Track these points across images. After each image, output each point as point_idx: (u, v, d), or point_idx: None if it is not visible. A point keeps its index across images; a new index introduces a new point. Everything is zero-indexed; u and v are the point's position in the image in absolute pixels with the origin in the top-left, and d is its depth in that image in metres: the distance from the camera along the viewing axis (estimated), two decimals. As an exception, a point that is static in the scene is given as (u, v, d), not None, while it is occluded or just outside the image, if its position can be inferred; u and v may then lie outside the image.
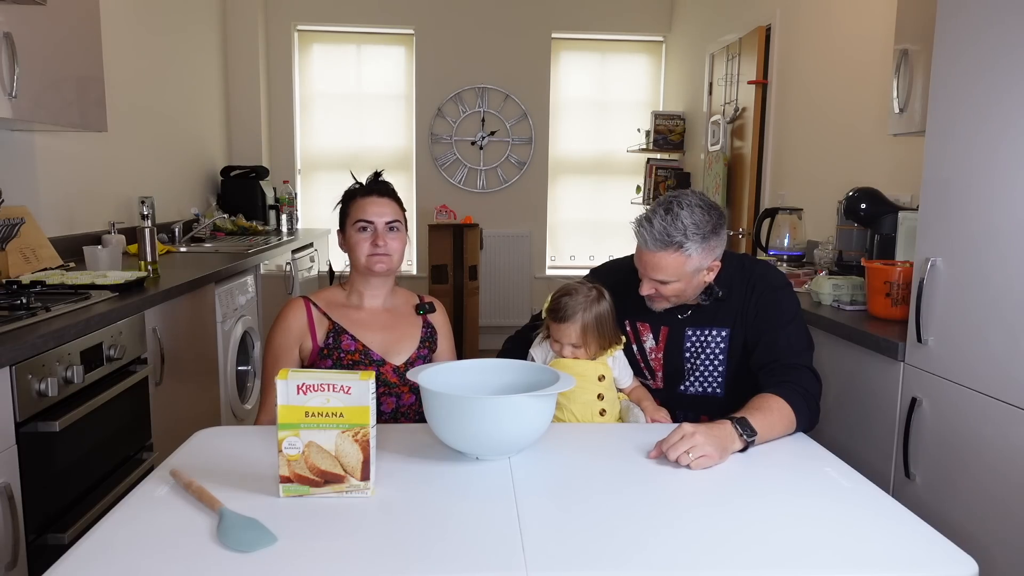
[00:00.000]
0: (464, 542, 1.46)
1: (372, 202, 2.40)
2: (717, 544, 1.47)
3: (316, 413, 1.63)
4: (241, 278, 4.31)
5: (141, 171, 4.99)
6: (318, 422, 1.63)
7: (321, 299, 2.43)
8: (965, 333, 2.23)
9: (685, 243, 2.20)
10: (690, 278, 2.26)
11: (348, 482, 1.66)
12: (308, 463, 1.65)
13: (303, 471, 1.65)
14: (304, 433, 1.63)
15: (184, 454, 1.89)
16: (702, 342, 2.39)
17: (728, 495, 1.71)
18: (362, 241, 2.37)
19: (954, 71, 2.29)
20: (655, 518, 1.59)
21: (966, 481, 2.23)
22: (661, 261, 2.23)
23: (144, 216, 3.74)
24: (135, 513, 1.57)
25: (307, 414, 1.63)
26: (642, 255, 2.27)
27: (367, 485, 1.66)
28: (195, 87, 6.01)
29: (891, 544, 1.49)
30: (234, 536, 1.44)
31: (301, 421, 1.63)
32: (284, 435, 1.63)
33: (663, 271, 2.24)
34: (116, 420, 2.77)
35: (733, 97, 5.59)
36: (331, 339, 2.33)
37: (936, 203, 2.36)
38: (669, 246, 2.20)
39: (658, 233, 2.20)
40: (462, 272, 6.54)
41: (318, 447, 1.64)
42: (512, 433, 1.82)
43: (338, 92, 7.27)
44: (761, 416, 2.02)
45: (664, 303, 2.35)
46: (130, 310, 2.87)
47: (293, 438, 1.64)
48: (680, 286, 2.26)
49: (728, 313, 2.36)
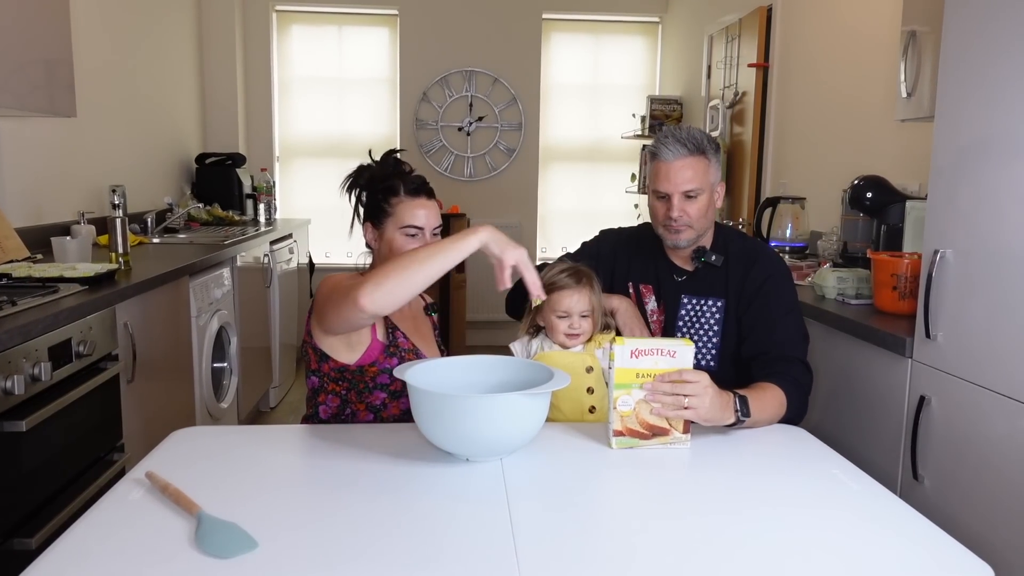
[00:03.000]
0: (454, 547, 1.46)
1: (422, 204, 2.34)
2: (718, 550, 1.47)
3: (646, 375, 1.95)
4: (217, 271, 4.29)
5: (112, 158, 4.96)
6: (648, 383, 1.95)
7: None
8: (976, 328, 2.23)
9: (707, 150, 2.39)
10: (711, 191, 2.42)
11: (672, 435, 1.98)
12: (639, 419, 1.96)
13: (634, 425, 1.96)
14: (636, 392, 1.95)
15: (160, 455, 1.88)
16: (697, 311, 2.46)
17: (730, 498, 1.71)
18: (407, 246, 2.27)
19: (964, 53, 2.29)
20: (652, 522, 1.59)
21: (977, 483, 2.23)
22: (690, 168, 2.37)
23: (115, 205, 3.72)
24: (108, 517, 1.56)
25: (638, 375, 1.94)
26: (669, 169, 2.38)
27: (687, 438, 1.98)
28: (169, 70, 5.98)
29: (902, 549, 1.50)
30: (213, 541, 1.43)
31: (632, 382, 1.94)
32: (618, 394, 1.95)
33: (692, 179, 2.37)
34: (86, 419, 2.76)
35: (732, 81, 5.59)
36: (390, 336, 2.28)
37: (945, 192, 2.37)
38: (696, 151, 2.37)
39: (690, 139, 2.36)
40: (449, 264, 6.51)
41: (646, 404, 1.95)
42: (504, 433, 1.82)
43: (319, 76, 7.24)
44: (759, 403, 2.12)
45: (689, 232, 2.42)
46: (100, 304, 2.86)
47: (626, 396, 1.95)
48: (704, 201, 2.39)
49: (723, 284, 2.45)
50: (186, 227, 5.51)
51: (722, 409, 2.01)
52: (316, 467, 1.85)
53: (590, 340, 2.34)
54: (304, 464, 1.88)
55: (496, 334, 6.72)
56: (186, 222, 5.58)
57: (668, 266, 2.53)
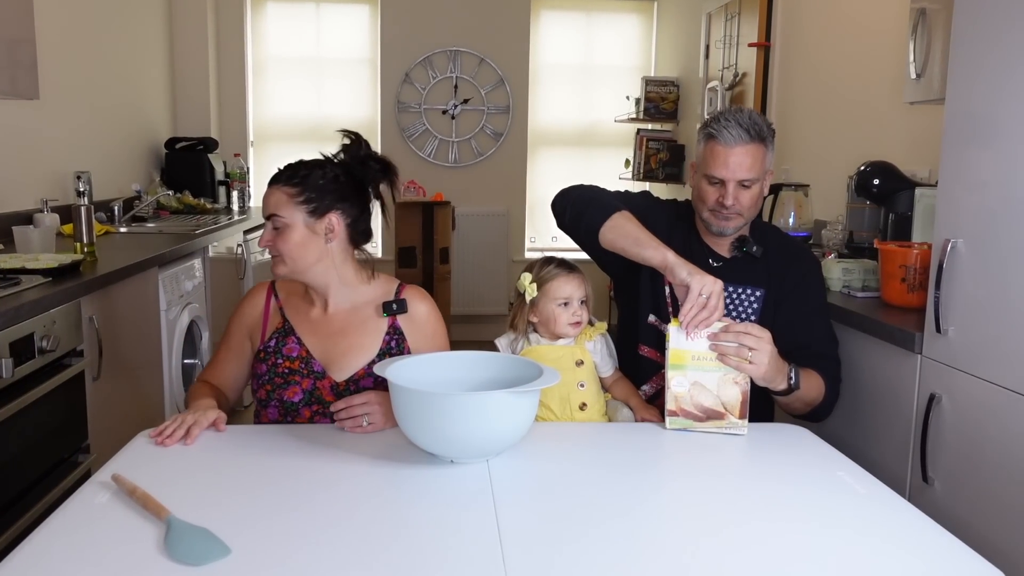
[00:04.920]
0: (438, 553, 1.46)
1: (268, 193, 2.26)
2: (716, 558, 1.47)
3: (701, 357, 2.08)
4: (187, 261, 4.28)
5: (77, 142, 4.93)
6: (703, 365, 2.08)
7: (284, 289, 2.36)
8: (989, 322, 2.23)
9: (766, 137, 2.41)
10: (764, 178, 2.45)
11: (728, 419, 2.09)
12: (693, 401, 2.08)
13: (688, 407, 2.09)
14: (690, 373, 2.08)
15: (127, 457, 1.88)
16: (733, 301, 2.50)
17: (729, 502, 1.71)
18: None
19: (977, 31, 2.29)
20: (647, 527, 1.59)
21: (990, 486, 2.24)
22: (754, 153, 2.39)
23: (80, 193, 3.70)
24: (73, 522, 1.55)
25: (693, 357, 2.08)
26: (728, 154, 2.39)
27: (744, 424, 2.09)
28: (137, 50, 5.94)
29: (911, 556, 1.50)
30: (183, 548, 1.42)
31: (687, 363, 2.08)
32: (672, 375, 2.09)
33: (751, 167, 2.39)
34: (49, 419, 2.75)
35: (732, 61, 5.59)
36: (275, 341, 2.27)
37: (957, 178, 2.37)
38: (756, 138, 2.38)
39: (752, 124, 2.37)
40: (432, 255, 6.52)
41: (701, 387, 2.08)
42: (491, 434, 1.82)
43: (295, 56, 7.21)
44: (807, 381, 2.29)
45: (738, 220, 2.46)
46: (64, 297, 2.84)
47: (680, 377, 2.08)
48: (757, 190, 2.43)
49: (763, 274, 2.50)
50: (155, 215, 5.48)
51: (778, 371, 2.14)
52: (293, 469, 1.84)
53: (580, 333, 2.35)
54: (280, 466, 1.86)
55: (482, 329, 6.71)
56: (155, 210, 5.55)
57: (703, 250, 2.56)
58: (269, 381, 2.24)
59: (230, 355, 2.36)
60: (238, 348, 2.35)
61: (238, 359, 2.35)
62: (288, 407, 2.23)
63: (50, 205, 4.21)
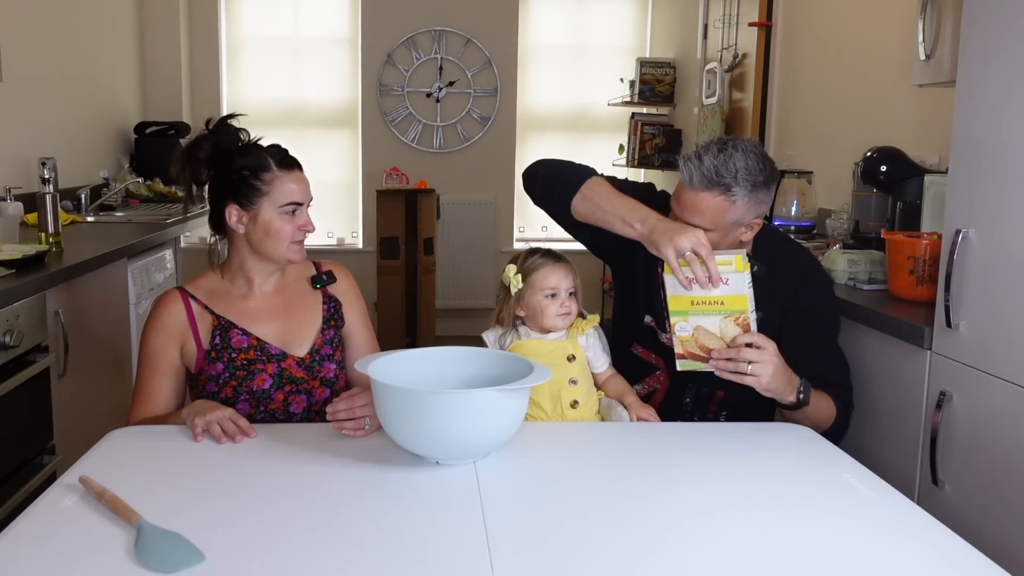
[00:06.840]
0: (423, 560, 1.45)
1: (298, 178, 2.36)
2: (714, 562, 1.47)
3: (700, 302, 2.18)
4: (158, 252, 4.27)
5: (41, 127, 4.91)
6: (703, 309, 2.18)
7: (200, 289, 2.37)
8: (1002, 316, 2.24)
9: (733, 187, 2.25)
10: (728, 230, 2.33)
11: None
12: (698, 343, 2.21)
13: (694, 349, 2.22)
14: (692, 319, 2.20)
15: (95, 458, 1.88)
16: None
17: (730, 505, 1.72)
18: (286, 225, 2.30)
19: (989, 11, 2.29)
20: (643, 530, 1.59)
21: (1003, 489, 2.24)
22: (703, 203, 2.28)
23: (45, 180, 3.70)
24: (38, 528, 1.55)
25: (692, 303, 2.18)
26: (682, 195, 2.32)
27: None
28: (105, 30, 5.92)
29: (920, 561, 1.50)
30: (154, 554, 1.42)
31: (688, 309, 2.19)
32: (675, 320, 2.22)
33: (702, 215, 2.28)
34: (13, 418, 2.75)
35: (732, 42, 5.60)
36: (218, 338, 2.29)
37: (968, 165, 2.37)
38: (716, 187, 2.26)
39: (707, 170, 2.26)
40: (416, 246, 6.51)
41: (705, 330, 2.20)
42: (478, 434, 1.82)
43: (271, 36, 7.18)
44: (816, 399, 2.31)
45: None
46: (29, 290, 2.84)
47: (683, 323, 2.21)
48: (715, 237, 2.29)
49: (763, 294, 2.35)
50: (124, 204, 5.47)
51: (785, 383, 2.20)
52: (270, 471, 1.83)
53: (571, 326, 2.36)
54: (256, 468, 1.86)
55: (469, 323, 6.71)
56: (124, 198, 5.54)
57: None
58: (232, 376, 2.27)
59: (159, 378, 2.29)
60: (168, 366, 2.30)
61: (169, 376, 2.30)
62: (259, 396, 2.28)
63: (13, 193, 4.17)
